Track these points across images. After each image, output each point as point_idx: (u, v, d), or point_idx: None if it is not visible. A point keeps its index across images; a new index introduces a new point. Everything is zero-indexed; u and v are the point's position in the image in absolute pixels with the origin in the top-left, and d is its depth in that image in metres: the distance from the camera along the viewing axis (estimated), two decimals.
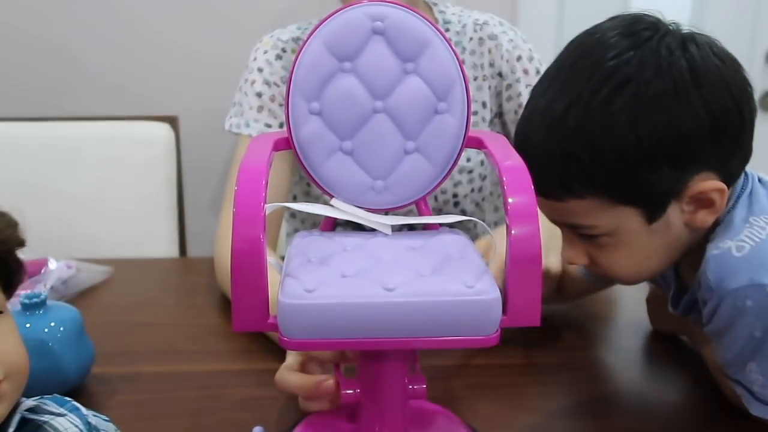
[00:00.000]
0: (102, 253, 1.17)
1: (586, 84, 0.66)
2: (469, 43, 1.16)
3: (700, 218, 0.69)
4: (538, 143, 0.69)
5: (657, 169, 0.66)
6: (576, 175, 0.67)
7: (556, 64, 0.72)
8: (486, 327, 0.56)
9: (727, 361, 0.70)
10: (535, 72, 1.17)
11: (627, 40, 0.67)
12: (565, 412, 0.79)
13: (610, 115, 0.65)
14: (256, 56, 1.14)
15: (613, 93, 0.65)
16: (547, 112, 0.69)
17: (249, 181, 0.57)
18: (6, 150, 1.40)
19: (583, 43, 0.71)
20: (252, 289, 0.55)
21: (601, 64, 0.66)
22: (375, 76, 0.66)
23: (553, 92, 0.69)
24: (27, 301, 0.77)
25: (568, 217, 0.72)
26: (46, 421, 0.45)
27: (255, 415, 0.75)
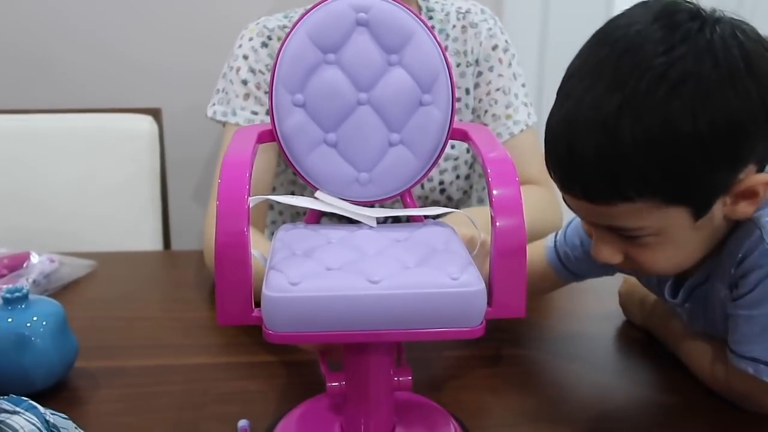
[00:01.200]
0: (85, 247, 1.16)
1: (638, 83, 0.62)
2: (452, 31, 1.17)
3: (741, 209, 0.67)
4: (586, 147, 0.64)
5: (714, 167, 0.64)
6: (631, 178, 0.63)
7: (593, 60, 0.66)
8: (471, 319, 0.57)
9: (750, 335, 0.69)
10: (508, 64, 1.18)
11: (674, 33, 0.63)
12: (548, 402, 0.79)
13: (669, 115, 0.61)
14: (241, 43, 1.14)
15: (671, 91, 0.61)
16: (596, 115, 0.63)
17: (232, 174, 0.57)
18: None
19: (623, 37, 0.65)
20: (236, 283, 0.55)
21: (652, 60, 0.62)
22: (359, 67, 0.66)
23: (600, 93, 0.63)
24: (9, 295, 0.76)
25: (612, 220, 0.68)
26: (2, 420, 0.45)
27: (241, 409, 0.75)
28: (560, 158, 0.67)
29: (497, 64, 1.17)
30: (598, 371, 0.86)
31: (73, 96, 1.58)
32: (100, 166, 1.39)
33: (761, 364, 0.69)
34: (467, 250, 0.63)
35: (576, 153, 0.64)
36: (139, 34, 1.60)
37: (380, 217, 0.68)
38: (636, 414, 0.78)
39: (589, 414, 0.78)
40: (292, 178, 1.18)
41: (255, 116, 1.10)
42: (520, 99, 1.18)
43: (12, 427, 0.45)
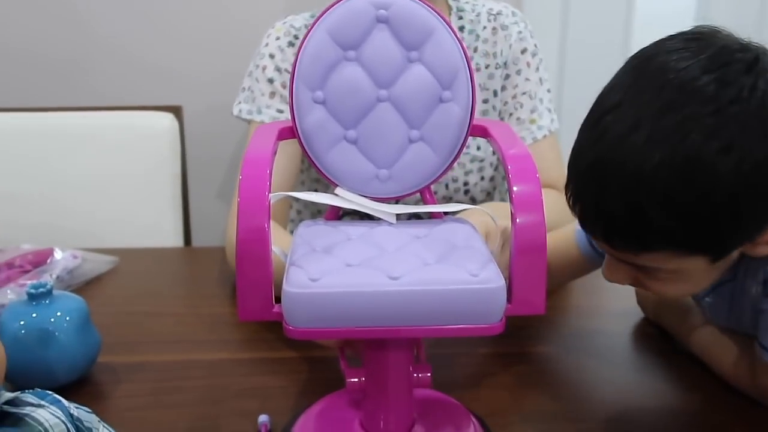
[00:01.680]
0: (107, 243, 1.17)
1: (683, 141, 0.58)
2: (482, 32, 1.16)
3: (760, 250, 0.66)
4: (616, 200, 0.61)
5: (745, 227, 0.63)
6: (659, 235, 0.62)
7: (634, 101, 0.62)
8: (490, 315, 0.56)
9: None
10: (535, 68, 1.17)
11: (726, 90, 0.59)
12: (568, 399, 0.79)
13: (713, 181, 0.58)
14: (268, 42, 1.14)
15: (717, 156, 0.58)
16: (634, 168, 0.60)
17: (253, 171, 0.58)
18: (12, 140, 1.40)
19: (670, 84, 0.61)
20: (257, 279, 0.56)
21: (700, 119, 0.58)
22: (379, 64, 0.66)
23: (639, 144, 0.60)
24: (33, 290, 0.77)
25: (627, 258, 0.67)
26: (27, 414, 0.45)
27: (261, 404, 0.76)
28: (586, 202, 0.65)
29: (525, 67, 1.17)
30: (617, 368, 0.86)
31: (96, 94, 1.59)
32: (121, 163, 1.40)
33: None
34: (486, 244, 0.63)
35: (604, 202, 0.62)
36: (160, 35, 1.61)
37: (400, 213, 0.68)
38: (656, 412, 0.78)
39: (609, 412, 0.78)
40: (315, 176, 1.18)
41: (280, 114, 1.10)
42: (545, 104, 1.18)
43: (37, 420, 0.45)
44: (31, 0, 1.57)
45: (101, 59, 1.61)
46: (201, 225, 1.51)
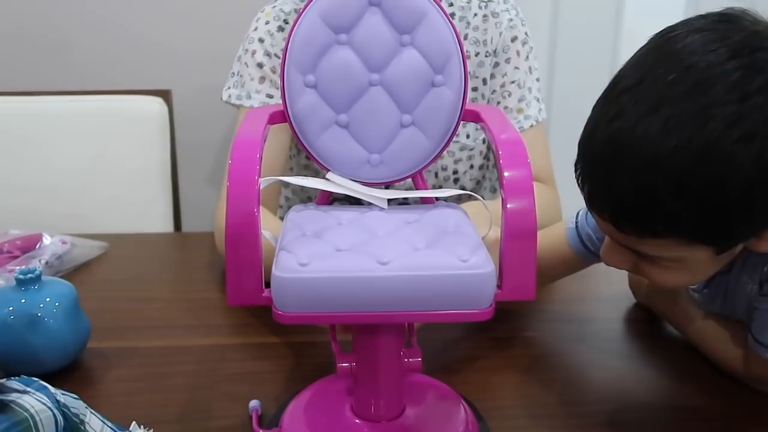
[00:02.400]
0: (97, 228, 1.16)
1: (702, 128, 0.57)
2: (473, 19, 1.15)
3: (763, 246, 0.65)
4: (627, 182, 0.60)
5: (754, 221, 0.62)
6: (668, 222, 0.61)
7: (654, 83, 0.60)
8: (480, 301, 0.56)
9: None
10: (525, 57, 1.17)
11: (753, 78, 0.57)
12: (558, 384, 0.80)
13: (730, 170, 0.57)
14: (257, 26, 1.13)
15: (736, 145, 0.57)
16: (647, 151, 0.59)
17: (243, 155, 0.57)
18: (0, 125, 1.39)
19: (693, 67, 0.59)
20: (247, 263, 0.56)
21: (723, 107, 0.57)
22: (371, 48, 0.66)
23: (656, 127, 0.58)
24: (22, 276, 0.77)
25: (632, 244, 0.66)
26: (13, 400, 0.45)
27: (252, 389, 0.76)
28: (594, 182, 0.64)
29: (515, 56, 1.16)
30: (607, 353, 0.87)
31: (84, 78, 1.59)
32: (110, 147, 1.40)
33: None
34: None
35: (615, 184, 0.62)
36: (149, 17, 1.60)
37: (391, 198, 0.68)
38: (645, 396, 0.79)
39: (599, 396, 0.78)
40: (305, 162, 1.18)
41: (270, 99, 1.10)
42: (533, 94, 1.17)
43: (22, 406, 0.45)
44: None
45: (89, 42, 1.60)
46: (191, 210, 1.51)
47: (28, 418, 0.45)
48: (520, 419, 0.73)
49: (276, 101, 1.09)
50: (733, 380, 0.79)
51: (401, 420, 0.67)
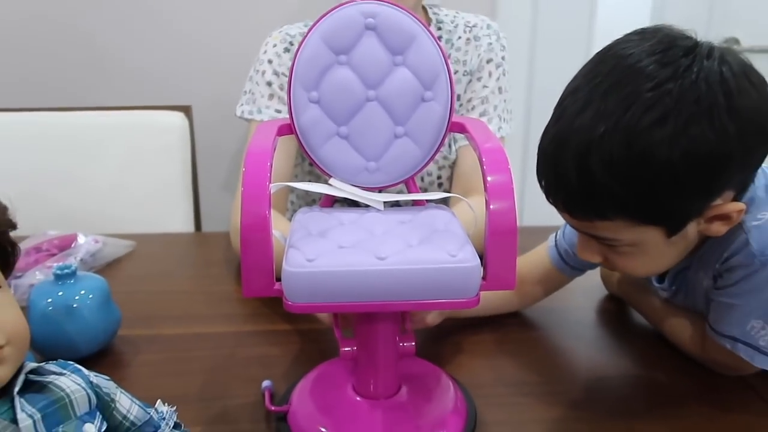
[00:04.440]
0: (125, 229, 1.16)
1: (625, 113, 0.59)
2: (457, 41, 1.15)
3: (715, 228, 0.66)
4: (570, 170, 0.62)
5: (688, 197, 0.62)
6: (609, 201, 0.62)
7: (588, 85, 0.63)
8: (467, 291, 0.56)
9: (731, 319, 0.69)
10: (496, 78, 1.15)
11: (665, 69, 0.59)
12: (536, 364, 0.80)
13: (648, 145, 0.59)
14: (266, 49, 1.13)
15: (653, 124, 0.58)
16: (582, 140, 0.61)
17: (255, 164, 0.57)
18: (38, 138, 1.39)
19: (617, 66, 0.62)
20: (259, 260, 0.55)
21: (641, 94, 0.59)
22: (368, 67, 0.66)
23: (588, 119, 0.61)
24: (59, 272, 0.77)
25: (591, 229, 0.67)
26: (51, 381, 0.45)
27: (264, 371, 0.76)
28: (547, 175, 0.66)
29: (486, 76, 1.15)
30: (580, 338, 0.87)
31: (115, 95, 1.59)
32: (138, 157, 1.39)
33: (738, 343, 0.70)
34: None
35: (561, 174, 0.63)
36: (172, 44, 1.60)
37: (387, 201, 0.68)
38: (616, 376, 0.79)
39: (572, 376, 0.79)
40: (309, 169, 1.18)
41: (278, 114, 1.10)
42: (497, 111, 1.15)
43: (59, 386, 0.45)
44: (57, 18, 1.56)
45: (119, 65, 1.61)
46: (209, 212, 1.51)
47: (64, 397, 0.45)
48: (502, 396, 0.73)
49: (284, 116, 1.09)
50: (692, 361, 0.79)
51: (397, 397, 0.67)
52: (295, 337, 0.84)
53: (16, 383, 0.43)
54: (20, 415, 0.42)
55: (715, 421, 0.70)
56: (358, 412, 0.66)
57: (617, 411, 0.71)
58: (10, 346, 0.42)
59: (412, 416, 0.65)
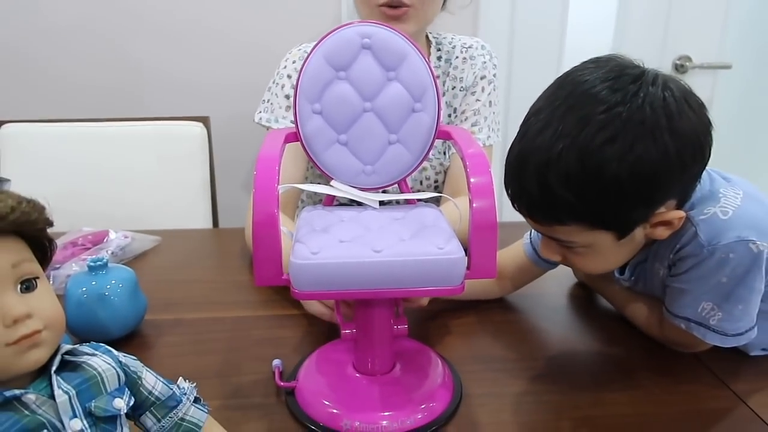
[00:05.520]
0: (152, 226, 1.15)
1: (579, 134, 0.60)
2: (455, 60, 1.15)
3: (659, 233, 0.67)
4: (531, 182, 0.63)
5: (633, 207, 0.63)
6: (564, 209, 0.63)
7: (549, 107, 0.63)
8: (454, 279, 0.56)
9: (684, 302, 0.70)
10: (488, 93, 1.15)
11: (616, 94, 0.60)
12: (513, 343, 0.79)
13: (599, 161, 0.59)
14: (285, 65, 1.11)
15: (605, 142, 0.59)
16: (542, 156, 0.61)
17: (265, 168, 0.57)
18: (76, 145, 1.38)
19: (573, 92, 0.62)
20: (269, 253, 0.55)
21: (594, 117, 0.59)
22: (364, 82, 0.65)
23: (548, 136, 0.61)
24: (93, 264, 0.76)
25: (550, 232, 0.68)
26: (84, 361, 0.45)
27: (274, 351, 0.75)
28: (512, 186, 0.66)
29: (479, 90, 1.14)
30: (552, 321, 0.86)
31: (142, 107, 1.58)
32: (163, 162, 1.39)
33: (692, 323, 0.70)
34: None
35: (524, 186, 0.64)
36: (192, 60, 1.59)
37: (382, 200, 0.68)
38: (584, 354, 0.79)
39: (545, 353, 0.78)
40: (318, 172, 1.17)
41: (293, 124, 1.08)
42: (487, 122, 1.15)
43: (92, 366, 0.45)
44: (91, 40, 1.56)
45: (146, 80, 1.60)
46: (225, 211, 1.51)
47: (96, 375, 0.45)
48: (485, 372, 0.73)
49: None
50: (650, 339, 0.79)
51: (392, 374, 0.67)
52: (302, 321, 0.83)
53: (53, 363, 0.43)
54: (57, 392, 0.42)
55: (672, 392, 0.70)
56: (358, 387, 0.66)
57: (585, 383, 0.71)
58: (48, 331, 0.42)
59: (405, 390, 0.65)
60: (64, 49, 1.56)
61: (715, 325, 0.68)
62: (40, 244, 0.44)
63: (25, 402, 0.41)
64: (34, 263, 0.43)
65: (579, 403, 0.67)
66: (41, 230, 0.44)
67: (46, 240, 0.45)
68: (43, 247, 0.45)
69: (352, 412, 0.62)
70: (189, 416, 0.50)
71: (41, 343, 0.41)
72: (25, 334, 0.40)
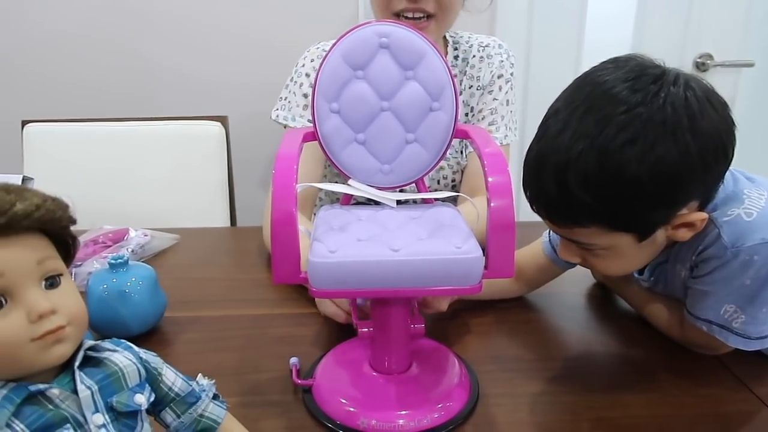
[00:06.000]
0: (171, 224, 1.17)
1: (598, 135, 0.59)
2: (472, 59, 1.14)
3: (681, 234, 0.66)
4: (550, 183, 0.62)
5: (654, 208, 0.62)
6: (583, 211, 0.61)
7: (568, 108, 0.62)
8: (471, 278, 0.56)
9: (706, 304, 0.69)
10: (505, 92, 1.15)
11: (636, 94, 0.59)
12: (530, 342, 0.79)
13: (620, 162, 0.58)
14: (304, 63, 1.12)
15: (625, 143, 0.58)
16: (562, 158, 0.60)
17: (283, 167, 0.57)
18: (98, 144, 1.40)
19: (593, 93, 0.61)
20: (287, 251, 0.55)
21: (615, 117, 0.58)
22: (382, 81, 0.65)
23: (567, 138, 0.60)
24: (113, 261, 0.77)
25: (569, 235, 0.67)
26: (106, 357, 0.45)
27: (291, 349, 0.76)
28: (530, 186, 0.66)
29: (496, 89, 1.14)
30: (570, 321, 0.86)
31: (161, 108, 1.60)
32: (181, 162, 1.40)
33: (713, 325, 0.69)
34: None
35: (542, 187, 0.63)
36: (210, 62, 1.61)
37: (399, 199, 0.68)
38: (600, 353, 0.78)
39: (562, 353, 0.78)
40: (335, 171, 1.17)
41: (311, 123, 1.09)
42: (504, 121, 1.14)
43: (113, 361, 0.45)
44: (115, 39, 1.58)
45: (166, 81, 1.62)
46: (243, 209, 1.51)
47: (118, 371, 0.45)
48: (502, 372, 0.73)
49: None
50: (669, 340, 0.78)
51: (409, 373, 0.67)
52: (319, 319, 0.83)
53: (76, 359, 0.44)
54: (80, 387, 0.43)
55: (692, 394, 0.69)
56: (375, 385, 0.66)
57: (603, 384, 0.71)
58: (71, 327, 0.43)
59: (422, 389, 0.65)
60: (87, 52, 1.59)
61: (738, 328, 0.67)
62: (63, 242, 0.45)
63: (49, 396, 0.41)
64: (58, 260, 0.44)
65: (596, 404, 0.67)
66: (65, 228, 0.44)
67: (69, 237, 0.45)
68: (66, 244, 0.46)
69: (369, 410, 0.62)
70: (208, 413, 0.51)
71: (65, 339, 0.42)
72: (49, 329, 0.41)
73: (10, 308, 0.40)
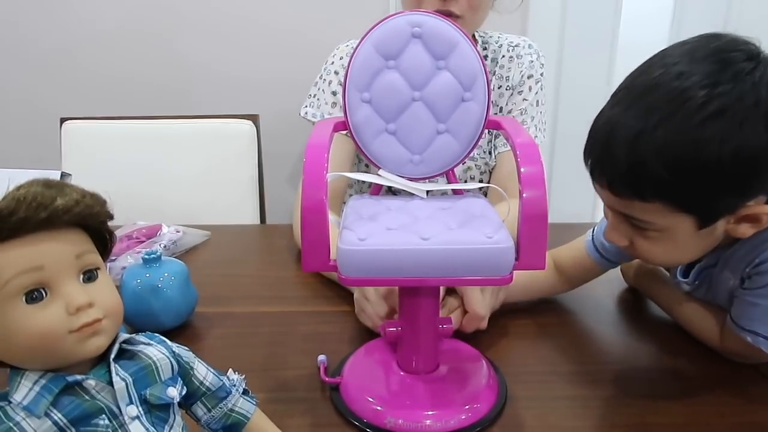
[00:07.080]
0: (202, 221, 1.18)
1: (679, 108, 0.56)
2: (501, 59, 1.14)
3: (742, 230, 0.62)
4: (619, 150, 0.59)
5: (726, 192, 0.58)
6: (651, 184, 0.58)
7: (647, 78, 0.60)
8: (502, 269, 0.55)
9: (754, 316, 0.66)
10: (535, 92, 1.13)
11: (725, 70, 0.56)
12: (562, 347, 0.78)
13: (699, 139, 0.55)
14: (333, 60, 1.12)
15: (706, 120, 0.55)
16: (638, 124, 0.58)
17: (314, 156, 0.57)
18: (132, 142, 1.43)
19: (676, 65, 0.58)
20: (317, 239, 0.55)
21: (696, 91, 0.56)
22: (413, 71, 0.65)
23: (643, 108, 0.58)
24: (147, 256, 0.79)
25: (626, 209, 0.63)
26: (140, 350, 0.46)
27: (319, 346, 0.76)
28: (595, 152, 0.63)
29: (526, 90, 1.13)
30: (601, 325, 0.84)
31: (194, 106, 1.63)
32: (212, 159, 1.42)
33: (760, 337, 0.66)
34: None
35: (610, 152, 0.60)
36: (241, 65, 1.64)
37: (429, 190, 0.67)
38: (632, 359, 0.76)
39: (594, 357, 0.76)
40: (364, 169, 1.17)
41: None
42: (534, 122, 1.13)
43: (147, 355, 0.46)
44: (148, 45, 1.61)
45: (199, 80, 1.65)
46: (273, 207, 1.53)
47: (152, 364, 0.46)
48: (532, 375, 0.72)
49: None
50: (707, 348, 0.75)
51: (436, 373, 0.66)
52: (348, 317, 0.83)
53: (112, 351, 0.44)
54: (115, 378, 0.43)
55: (728, 403, 0.66)
56: (402, 385, 0.65)
57: (636, 389, 0.69)
58: (108, 319, 0.43)
59: (449, 390, 0.64)
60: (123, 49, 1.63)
61: None
62: (101, 236, 0.46)
63: (85, 387, 0.42)
64: (96, 254, 0.45)
65: (630, 410, 0.65)
66: (103, 223, 0.45)
67: (106, 232, 0.46)
68: (103, 239, 0.46)
69: (396, 409, 0.62)
70: (238, 407, 0.51)
71: (101, 332, 0.43)
72: (86, 322, 0.42)
73: (49, 301, 0.41)
